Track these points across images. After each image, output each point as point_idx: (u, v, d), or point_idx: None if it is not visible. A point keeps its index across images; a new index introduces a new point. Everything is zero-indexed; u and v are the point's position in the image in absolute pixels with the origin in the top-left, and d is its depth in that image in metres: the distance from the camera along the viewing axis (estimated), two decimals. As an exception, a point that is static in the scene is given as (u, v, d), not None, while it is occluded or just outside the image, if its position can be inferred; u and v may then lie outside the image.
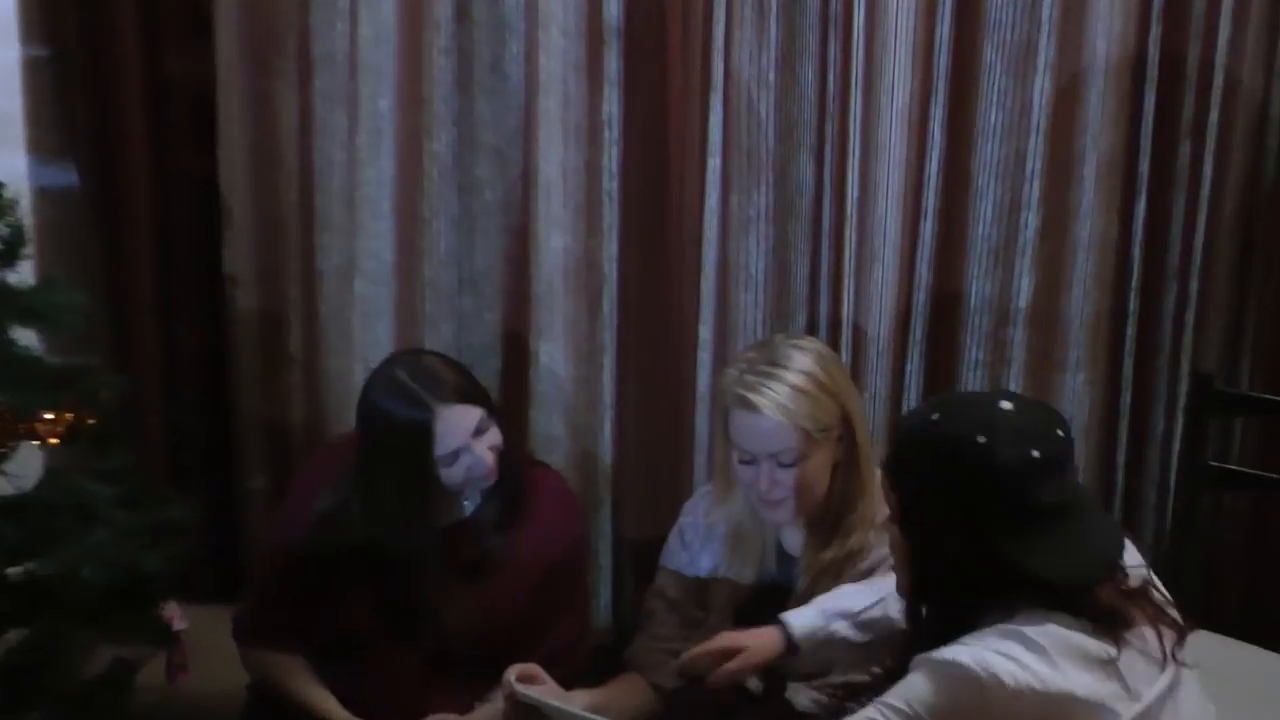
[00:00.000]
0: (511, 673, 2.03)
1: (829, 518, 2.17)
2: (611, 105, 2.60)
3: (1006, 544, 1.58)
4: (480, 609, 2.22)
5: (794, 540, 2.23)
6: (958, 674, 1.57)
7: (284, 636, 2.26)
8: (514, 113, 2.62)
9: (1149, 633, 1.63)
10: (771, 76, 2.60)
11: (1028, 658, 1.56)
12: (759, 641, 2.03)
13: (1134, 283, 2.71)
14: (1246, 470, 2.63)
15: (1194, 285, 2.70)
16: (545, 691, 2.02)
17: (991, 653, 1.56)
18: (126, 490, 2.20)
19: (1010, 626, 1.59)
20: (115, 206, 2.72)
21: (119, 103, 2.66)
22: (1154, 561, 2.76)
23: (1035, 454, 1.58)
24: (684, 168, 2.62)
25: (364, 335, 2.71)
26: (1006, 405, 1.63)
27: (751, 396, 2.08)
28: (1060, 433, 1.63)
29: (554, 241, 2.66)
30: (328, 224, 2.68)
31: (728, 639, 2.05)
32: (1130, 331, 2.74)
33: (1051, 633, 1.57)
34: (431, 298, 2.72)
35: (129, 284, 2.75)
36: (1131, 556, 1.71)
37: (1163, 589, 1.70)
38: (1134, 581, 1.66)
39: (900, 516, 1.71)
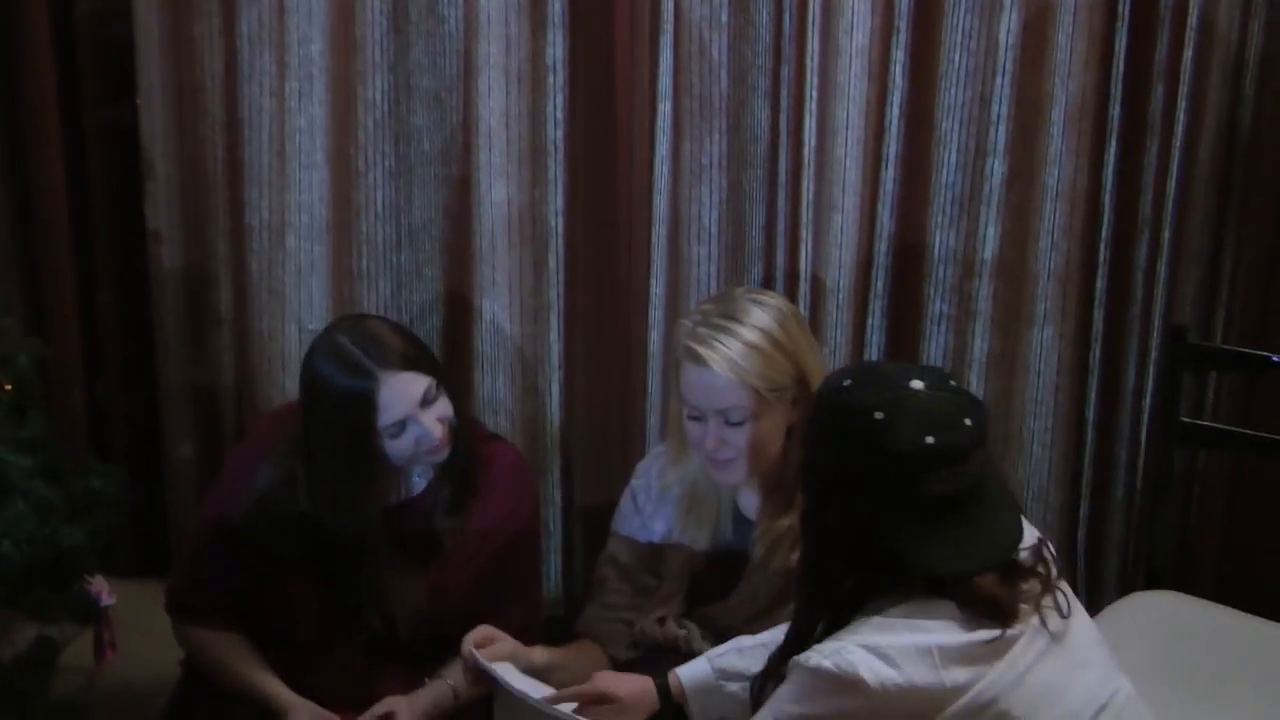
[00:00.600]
0: (469, 641, 2.09)
1: (785, 483, 2.19)
2: (556, 49, 2.60)
3: (887, 526, 1.63)
4: (429, 591, 2.23)
5: (751, 503, 2.26)
6: (824, 678, 1.63)
7: (221, 615, 2.26)
8: (452, 57, 2.63)
9: (1031, 608, 1.69)
10: (724, 16, 2.59)
11: (896, 653, 1.61)
12: (632, 691, 2.04)
13: (1104, 233, 2.72)
14: (1221, 427, 2.69)
15: (1167, 235, 2.71)
16: (504, 650, 2.09)
17: (859, 650, 1.62)
18: (45, 460, 2.21)
19: (882, 619, 1.64)
20: (25, 158, 2.71)
21: (25, 44, 2.65)
22: (1126, 523, 2.89)
23: (930, 440, 1.61)
24: (632, 114, 2.62)
25: (296, 294, 2.72)
26: (918, 385, 1.66)
27: (701, 350, 2.10)
28: (969, 422, 1.65)
29: (496, 193, 2.66)
30: (256, 176, 2.68)
31: (602, 683, 2.07)
32: (1101, 283, 2.75)
33: (923, 626, 1.63)
34: (368, 253, 2.73)
35: (42, 241, 2.75)
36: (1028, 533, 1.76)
37: (1053, 556, 1.75)
38: (1025, 561, 1.71)
39: (801, 475, 1.77)
